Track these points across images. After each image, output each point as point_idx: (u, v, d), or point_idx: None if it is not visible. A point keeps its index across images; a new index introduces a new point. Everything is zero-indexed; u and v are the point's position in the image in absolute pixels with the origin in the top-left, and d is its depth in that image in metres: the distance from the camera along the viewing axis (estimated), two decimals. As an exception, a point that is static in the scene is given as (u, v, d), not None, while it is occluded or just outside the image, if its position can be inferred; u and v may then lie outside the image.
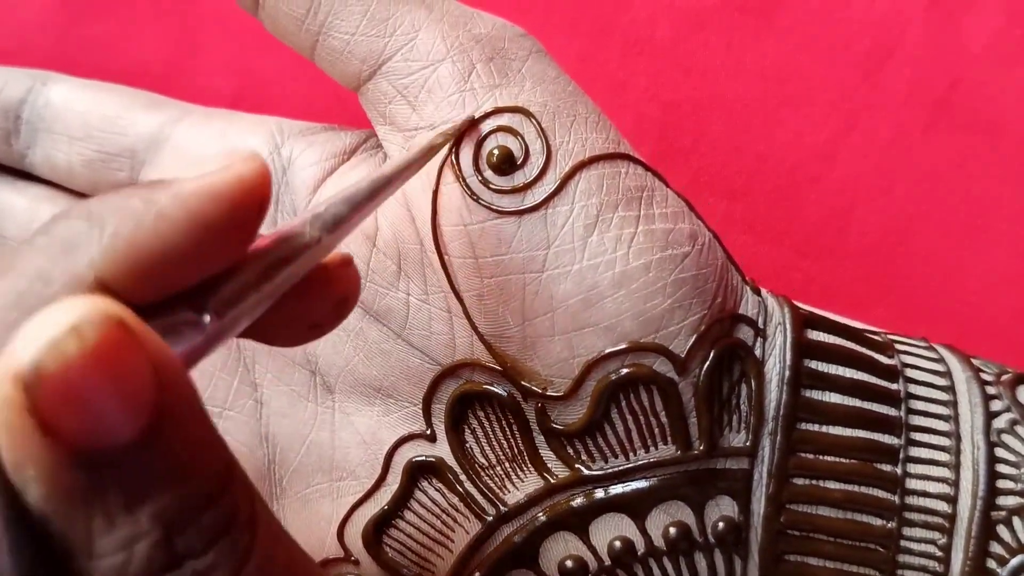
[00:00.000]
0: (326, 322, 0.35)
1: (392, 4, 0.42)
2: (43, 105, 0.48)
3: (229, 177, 0.28)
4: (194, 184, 0.27)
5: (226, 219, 0.27)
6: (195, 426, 0.27)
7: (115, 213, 0.26)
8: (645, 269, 0.40)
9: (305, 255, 0.30)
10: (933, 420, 0.42)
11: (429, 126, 0.41)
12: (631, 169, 0.41)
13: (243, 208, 0.28)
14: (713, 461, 0.41)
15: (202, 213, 0.27)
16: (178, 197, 0.27)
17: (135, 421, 0.25)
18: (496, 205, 0.40)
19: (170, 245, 0.26)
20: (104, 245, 0.26)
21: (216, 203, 0.27)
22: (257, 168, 0.28)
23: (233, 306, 0.28)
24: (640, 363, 0.40)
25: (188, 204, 0.27)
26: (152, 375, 0.25)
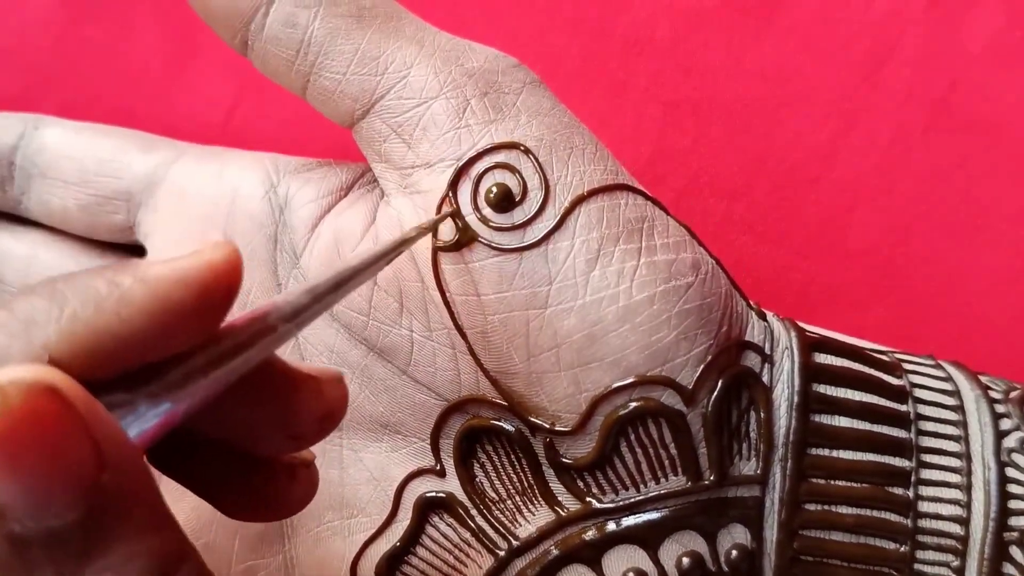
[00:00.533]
0: (308, 435, 0.34)
1: (383, 41, 0.41)
2: (36, 151, 0.47)
3: (198, 263, 0.28)
4: (162, 268, 0.27)
5: (192, 305, 0.27)
6: (143, 510, 0.26)
7: (77, 294, 0.26)
8: (649, 302, 0.39)
9: (263, 343, 0.30)
10: (943, 441, 0.42)
11: (425, 164, 0.41)
12: (630, 200, 0.41)
13: (210, 294, 0.28)
14: (724, 490, 0.41)
15: (167, 298, 0.27)
16: (144, 281, 0.27)
17: (70, 496, 0.24)
18: (496, 243, 0.40)
19: (131, 328, 0.26)
20: (61, 325, 0.25)
21: (183, 288, 0.27)
22: (228, 255, 0.28)
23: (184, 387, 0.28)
24: (648, 396, 0.40)
25: (154, 288, 0.27)
26: (92, 451, 0.24)
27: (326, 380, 0.34)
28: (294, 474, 0.35)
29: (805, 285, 0.55)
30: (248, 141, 0.50)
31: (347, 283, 0.33)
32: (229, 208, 0.45)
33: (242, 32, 0.42)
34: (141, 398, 0.27)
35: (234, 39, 0.42)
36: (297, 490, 0.35)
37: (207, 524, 0.45)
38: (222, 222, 0.45)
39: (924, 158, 0.55)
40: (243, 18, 0.41)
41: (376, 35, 0.41)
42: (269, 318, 0.30)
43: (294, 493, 0.35)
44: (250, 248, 0.45)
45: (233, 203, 0.45)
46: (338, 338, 0.44)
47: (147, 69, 0.58)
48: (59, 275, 0.27)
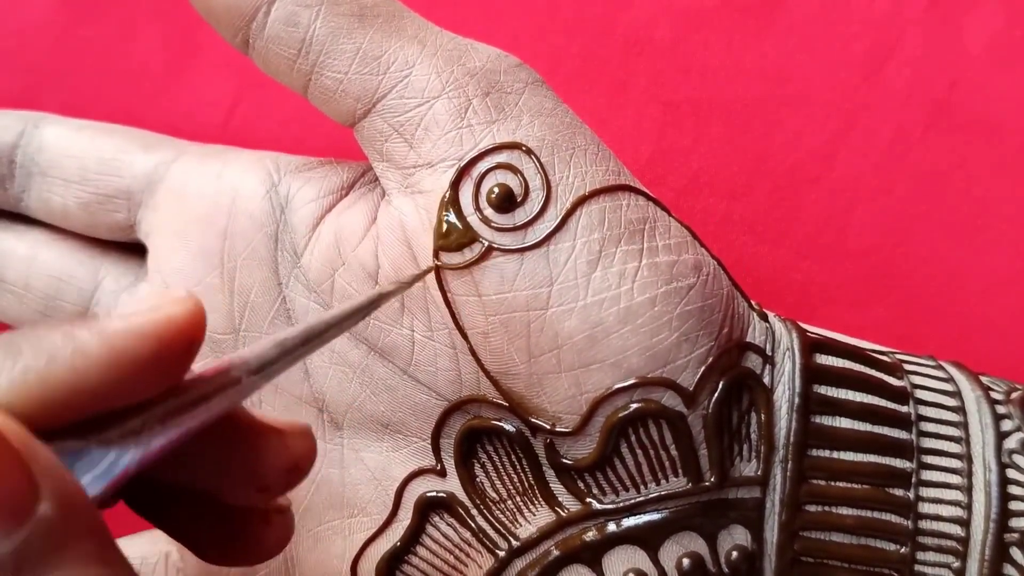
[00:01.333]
0: (274, 486, 0.34)
1: (384, 41, 0.41)
2: (36, 149, 0.47)
3: (158, 318, 0.28)
4: (119, 323, 0.28)
5: (149, 357, 0.28)
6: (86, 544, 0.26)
7: (32, 346, 0.27)
8: (650, 303, 0.39)
9: (225, 394, 0.30)
10: (944, 442, 0.42)
11: (427, 164, 0.41)
12: (632, 201, 0.41)
13: (169, 348, 0.28)
14: (725, 491, 0.41)
15: (123, 350, 0.27)
16: (101, 334, 0.27)
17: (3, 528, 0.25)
18: (497, 243, 0.40)
19: (85, 379, 0.27)
20: (13, 377, 0.26)
21: (140, 341, 0.28)
22: (189, 310, 0.29)
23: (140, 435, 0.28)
24: (648, 398, 0.40)
25: (109, 341, 0.27)
26: (27, 482, 0.25)
27: (291, 432, 0.34)
28: (268, 519, 0.35)
29: (805, 285, 0.55)
30: (248, 140, 0.50)
31: (317, 338, 0.34)
32: (230, 207, 0.45)
33: (243, 31, 0.41)
34: (94, 444, 0.27)
35: (235, 38, 0.42)
36: (271, 535, 0.35)
37: None
38: (223, 221, 0.45)
39: (924, 158, 0.55)
40: (244, 17, 0.41)
41: (378, 34, 0.41)
42: (234, 370, 0.30)
43: (268, 538, 0.35)
44: (251, 248, 0.44)
45: (234, 202, 0.45)
46: (339, 338, 0.44)
47: (147, 69, 0.57)
48: (21, 329, 0.28)
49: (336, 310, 0.35)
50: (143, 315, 0.28)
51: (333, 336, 0.35)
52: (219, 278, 0.45)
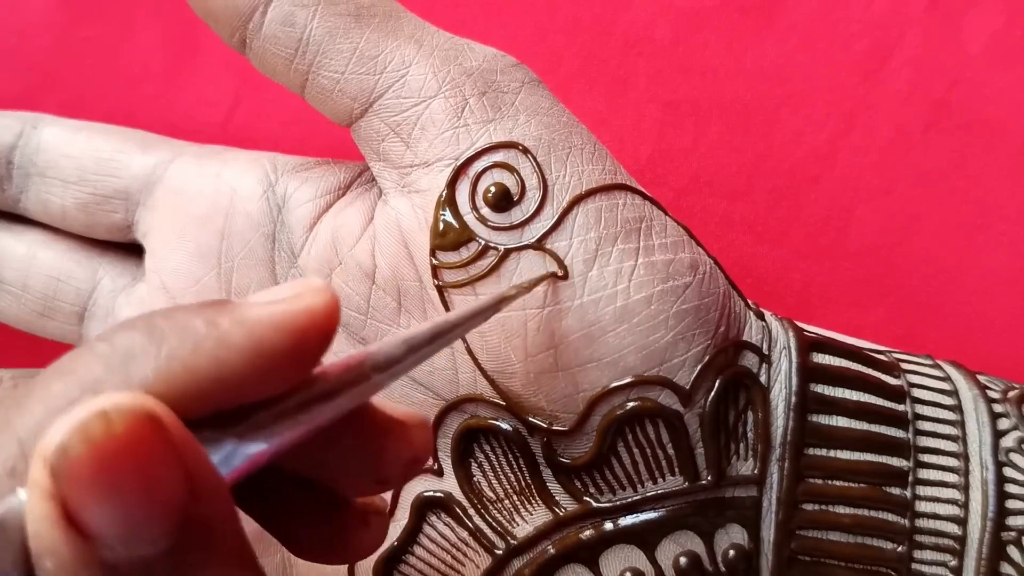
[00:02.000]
0: (393, 478, 0.34)
1: (381, 40, 0.41)
2: (34, 150, 0.47)
3: (298, 308, 0.28)
4: (261, 311, 0.27)
5: (289, 350, 0.27)
6: (229, 544, 0.26)
7: (176, 332, 0.26)
8: (647, 302, 0.39)
9: (354, 391, 0.30)
10: (941, 441, 0.42)
11: (423, 163, 0.41)
12: (629, 200, 0.41)
13: (307, 340, 0.28)
14: (721, 490, 0.41)
15: (265, 342, 0.27)
16: (243, 324, 0.27)
17: (162, 524, 0.24)
18: (494, 242, 0.40)
19: (227, 371, 0.26)
20: (159, 364, 0.25)
21: (281, 333, 0.27)
22: (327, 302, 0.28)
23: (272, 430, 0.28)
24: (645, 396, 0.40)
25: (252, 331, 0.27)
26: (184, 479, 0.24)
27: (413, 425, 0.34)
28: (367, 520, 0.35)
29: (805, 285, 0.55)
30: (248, 141, 0.50)
31: (443, 336, 0.33)
32: (227, 207, 0.45)
33: (240, 31, 0.41)
34: (229, 437, 0.27)
35: (232, 37, 0.42)
36: (367, 536, 0.35)
37: None
38: (220, 221, 0.45)
39: (924, 158, 0.54)
40: (241, 17, 0.41)
41: (374, 34, 0.41)
42: (363, 367, 0.30)
43: (364, 539, 0.35)
44: (248, 247, 0.44)
45: (231, 202, 0.45)
46: (336, 338, 0.44)
47: (147, 69, 0.57)
48: (158, 311, 0.27)
49: (461, 310, 0.35)
50: (283, 304, 0.27)
51: (459, 336, 0.35)
52: (216, 278, 0.45)
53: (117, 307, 0.48)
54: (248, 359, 0.26)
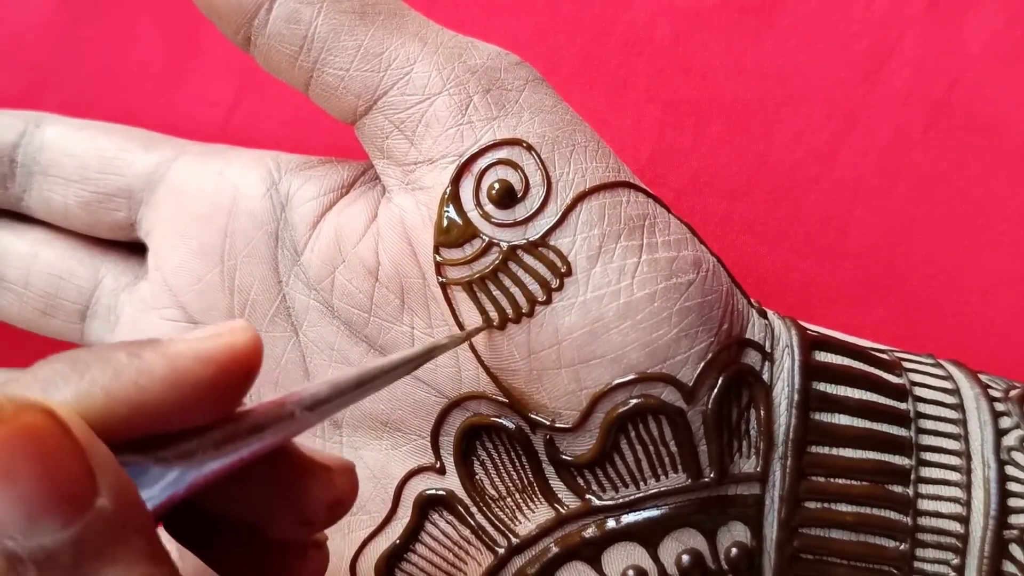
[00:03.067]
0: (317, 521, 0.34)
1: (386, 38, 0.41)
2: (37, 148, 0.47)
3: (220, 344, 0.29)
4: (183, 345, 0.28)
5: (210, 382, 0.28)
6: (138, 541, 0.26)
7: (99, 362, 0.27)
8: (650, 299, 0.39)
9: (278, 427, 0.30)
10: (943, 439, 0.42)
11: (427, 160, 0.41)
12: (632, 197, 0.41)
13: (228, 374, 0.28)
14: (724, 488, 0.41)
15: (186, 372, 0.28)
16: (165, 355, 0.28)
17: (63, 517, 0.25)
18: (498, 239, 0.40)
19: (148, 397, 0.27)
20: (80, 388, 0.26)
21: (201, 364, 0.28)
22: (249, 340, 0.29)
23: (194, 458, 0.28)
24: (648, 394, 0.39)
25: (173, 362, 0.28)
26: (86, 474, 0.25)
27: (337, 469, 0.34)
28: (305, 553, 0.36)
29: (805, 285, 0.55)
30: (249, 141, 0.50)
31: (370, 382, 0.34)
32: (230, 206, 0.45)
33: (245, 28, 0.41)
34: (150, 460, 0.27)
35: (237, 35, 0.42)
36: (308, 568, 0.36)
37: None
38: (223, 220, 0.45)
39: (924, 158, 0.54)
40: (247, 14, 0.41)
41: (379, 31, 0.41)
42: (288, 405, 0.31)
43: (304, 572, 0.36)
44: (251, 246, 0.44)
45: (234, 201, 0.45)
46: (339, 336, 0.44)
47: (148, 69, 0.57)
48: (86, 347, 0.28)
49: (391, 358, 0.36)
50: (205, 340, 0.28)
51: (385, 383, 0.35)
52: (219, 276, 0.45)
53: (119, 305, 0.47)
54: (169, 387, 0.27)
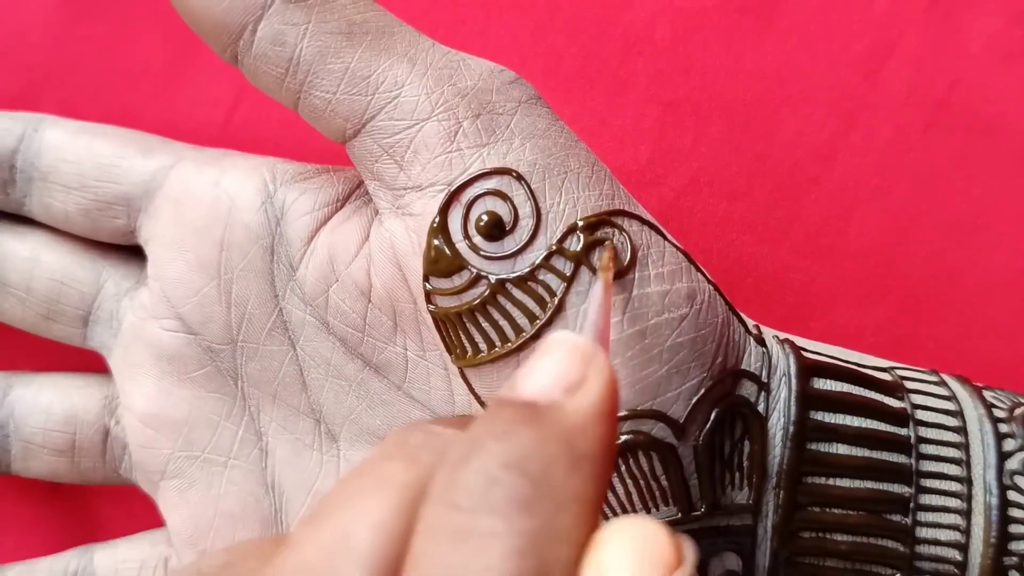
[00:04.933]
0: None
1: (373, 59, 0.39)
2: (36, 154, 0.46)
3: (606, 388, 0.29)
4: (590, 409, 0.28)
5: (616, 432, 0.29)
6: None
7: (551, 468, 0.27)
8: (640, 336, 0.38)
9: None
10: (944, 465, 0.40)
11: (416, 187, 0.39)
12: (625, 227, 0.39)
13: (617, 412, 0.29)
14: (716, 519, 0.39)
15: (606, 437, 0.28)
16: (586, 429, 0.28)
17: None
18: (486, 271, 0.39)
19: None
20: None
21: (610, 421, 0.28)
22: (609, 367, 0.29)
23: None
24: (638, 430, 0.38)
25: (598, 435, 0.28)
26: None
27: None
28: None
29: (805, 285, 0.54)
30: (249, 141, 0.49)
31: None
32: (226, 219, 0.44)
33: (232, 48, 0.40)
34: None
35: (224, 52, 0.41)
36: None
37: (203, 531, 0.45)
38: (219, 232, 0.44)
39: (924, 158, 0.53)
40: (231, 35, 0.40)
41: (366, 53, 0.39)
42: None
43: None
44: (247, 259, 0.43)
45: (230, 213, 0.44)
46: (335, 352, 0.43)
47: (147, 69, 0.56)
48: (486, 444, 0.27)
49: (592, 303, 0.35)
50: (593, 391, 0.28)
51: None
52: (216, 288, 0.44)
53: (121, 311, 0.47)
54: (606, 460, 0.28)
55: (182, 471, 0.46)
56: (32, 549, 0.51)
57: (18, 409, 0.48)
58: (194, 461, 0.45)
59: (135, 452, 0.46)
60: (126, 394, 0.46)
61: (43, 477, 0.49)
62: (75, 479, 0.48)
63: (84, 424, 0.47)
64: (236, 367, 0.45)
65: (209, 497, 0.45)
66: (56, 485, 0.52)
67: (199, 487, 0.45)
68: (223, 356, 0.45)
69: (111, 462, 0.48)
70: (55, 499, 0.54)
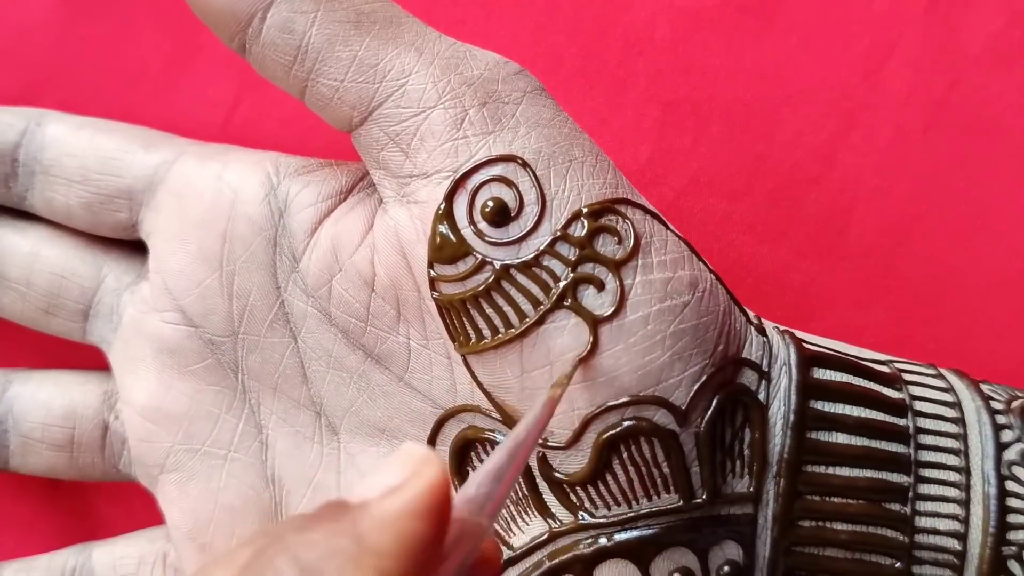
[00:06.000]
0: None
1: (381, 48, 0.40)
2: (38, 148, 0.46)
3: (424, 490, 0.27)
4: (396, 506, 0.27)
5: (431, 537, 0.27)
6: None
7: (329, 562, 0.25)
8: (643, 322, 0.38)
9: (475, 541, 0.29)
10: (943, 455, 0.41)
11: (422, 174, 0.39)
12: (629, 215, 0.39)
13: (441, 519, 0.27)
14: (716, 508, 0.40)
15: (411, 536, 0.26)
16: (386, 526, 0.26)
17: None
18: (491, 257, 0.39)
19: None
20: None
21: (420, 522, 0.27)
22: (442, 472, 0.27)
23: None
24: (641, 416, 0.38)
25: (398, 531, 0.26)
26: None
27: (488, 551, 0.33)
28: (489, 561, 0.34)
29: (805, 285, 0.54)
30: (250, 140, 0.49)
31: (519, 457, 0.33)
32: (229, 211, 0.44)
33: (240, 36, 0.40)
34: None
35: (232, 41, 0.41)
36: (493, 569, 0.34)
37: (203, 525, 0.45)
38: (222, 224, 0.44)
39: (924, 158, 0.53)
40: (240, 22, 0.40)
41: (374, 41, 0.40)
42: (473, 517, 0.30)
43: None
44: (250, 251, 0.44)
45: (233, 206, 0.44)
46: (336, 343, 0.43)
47: (147, 68, 0.56)
48: (285, 535, 0.27)
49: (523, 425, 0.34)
50: (409, 491, 0.27)
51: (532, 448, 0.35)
52: (218, 281, 0.44)
53: (122, 305, 0.47)
54: (402, 560, 0.26)
55: (182, 464, 0.46)
56: (31, 547, 0.51)
57: (17, 405, 0.48)
58: (194, 454, 0.45)
59: (134, 446, 0.46)
60: (126, 388, 0.46)
61: (41, 474, 0.49)
62: (74, 475, 0.49)
63: (83, 419, 0.47)
64: (237, 360, 0.45)
65: (209, 490, 0.45)
66: (55, 483, 0.52)
67: (199, 480, 0.45)
68: (224, 349, 0.45)
69: (110, 457, 0.48)
70: (54, 497, 0.54)
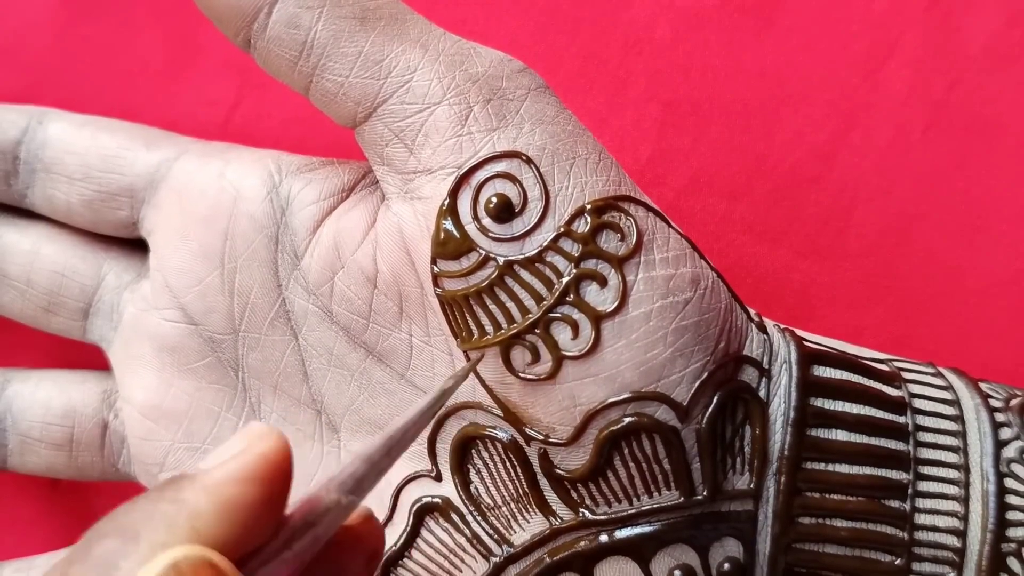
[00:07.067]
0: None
1: (386, 44, 0.40)
2: (40, 146, 0.46)
3: (254, 459, 0.28)
4: (220, 473, 0.27)
5: (258, 501, 0.27)
6: None
7: (146, 523, 0.26)
8: (645, 318, 0.38)
9: (328, 517, 0.30)
10: (942, 452, 0.41)
11: (426, 170, 0.40)
12: (631, 212, 0.40)
13: (271, 486, 0.28)
14: (717, 504, 0.40)
15: (234, 501, 0.27)
16: (207, 490, 0.27)
17: None
18: (494, 253, 0.39)
19: (205, 540, 0.26)
20: (142, 556, 0.25)
21: (246, 487, 0.27)
22: (277, 444, 0.28)
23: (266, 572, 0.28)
24: (642, 412, 0.39)
25: (219, 496, 0.27)
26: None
27: (360, 524, 0.33)
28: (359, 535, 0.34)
29: (805, 285, 0.54)
30: (250, 139, 0.49)
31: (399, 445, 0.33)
32: (231, 208, 0.44)
33: (245, 31, 0.40)
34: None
35: (237, 37, 0.41)
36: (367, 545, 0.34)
37: None
38: (224, 222, 0.44)
39: (924, 158, 0.54)
40: (246, 17, 0.40)
41: (380, 37, 0.40)
42: (331, 493, 0.30)
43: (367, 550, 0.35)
44: (251, 249, 0.44)
45: (235, 203, 0.44)
46: (337, 341, 0.43)
47: (148, 68, 0.56)
48: (119, 510, 0.27)
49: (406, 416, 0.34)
50: (239, 460, 0.27)
51: (412, 439, 0.35)
52: (219, 278, 0.44)
53: (122, 303, 0.47)
54: (223, 522, 0.27)
55: (182, 463, 0.46)
56: (31, 547, 0.51)
57: (16, 404, 0.48)
58: (194, 452, 0.46)
59: (134, 445, 0.47)
60: (126, 386, 0.46)
61: (40, 473, 0.49)
62: (72, 474, 0.49)
63: (83, 418, 0.48)
64: (237, 358, 0.45)
65: None
66: (55, 484, 0.52)
67: (199, 479, 0.45)
68: (224, 346, 0.45)
69: (109, 456, 0.48)
70: (54, 498, 0.54)
